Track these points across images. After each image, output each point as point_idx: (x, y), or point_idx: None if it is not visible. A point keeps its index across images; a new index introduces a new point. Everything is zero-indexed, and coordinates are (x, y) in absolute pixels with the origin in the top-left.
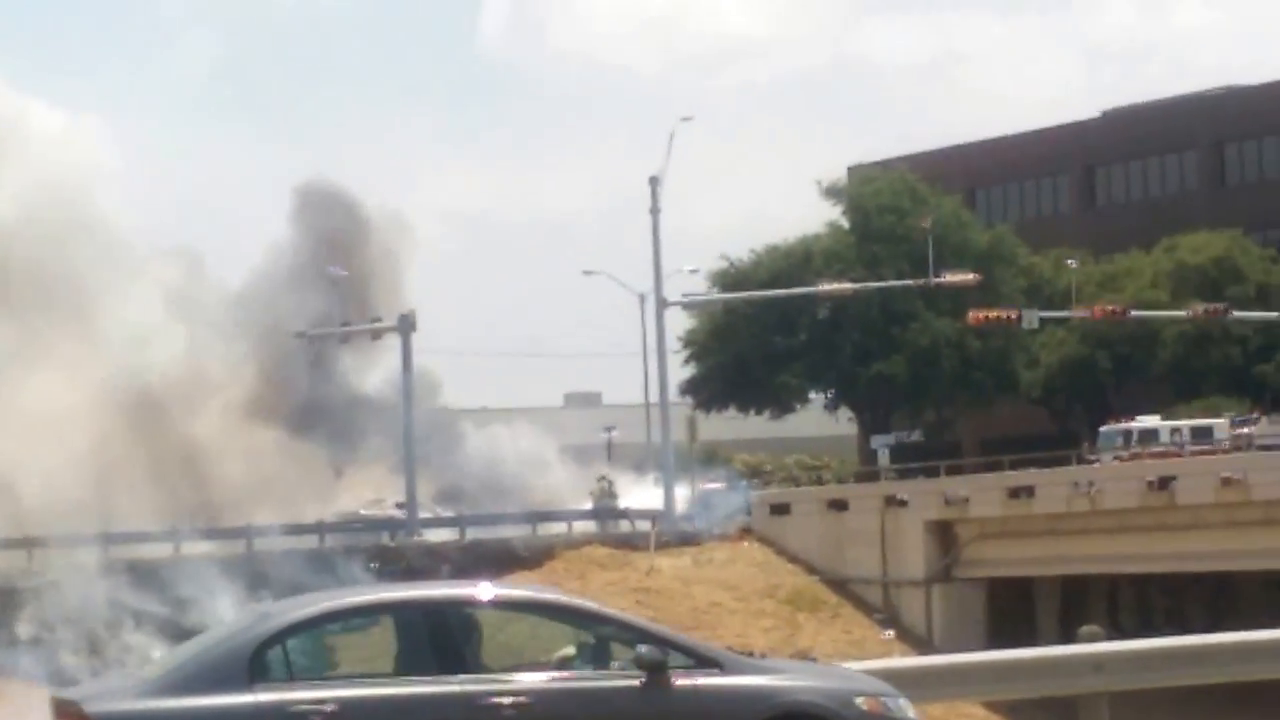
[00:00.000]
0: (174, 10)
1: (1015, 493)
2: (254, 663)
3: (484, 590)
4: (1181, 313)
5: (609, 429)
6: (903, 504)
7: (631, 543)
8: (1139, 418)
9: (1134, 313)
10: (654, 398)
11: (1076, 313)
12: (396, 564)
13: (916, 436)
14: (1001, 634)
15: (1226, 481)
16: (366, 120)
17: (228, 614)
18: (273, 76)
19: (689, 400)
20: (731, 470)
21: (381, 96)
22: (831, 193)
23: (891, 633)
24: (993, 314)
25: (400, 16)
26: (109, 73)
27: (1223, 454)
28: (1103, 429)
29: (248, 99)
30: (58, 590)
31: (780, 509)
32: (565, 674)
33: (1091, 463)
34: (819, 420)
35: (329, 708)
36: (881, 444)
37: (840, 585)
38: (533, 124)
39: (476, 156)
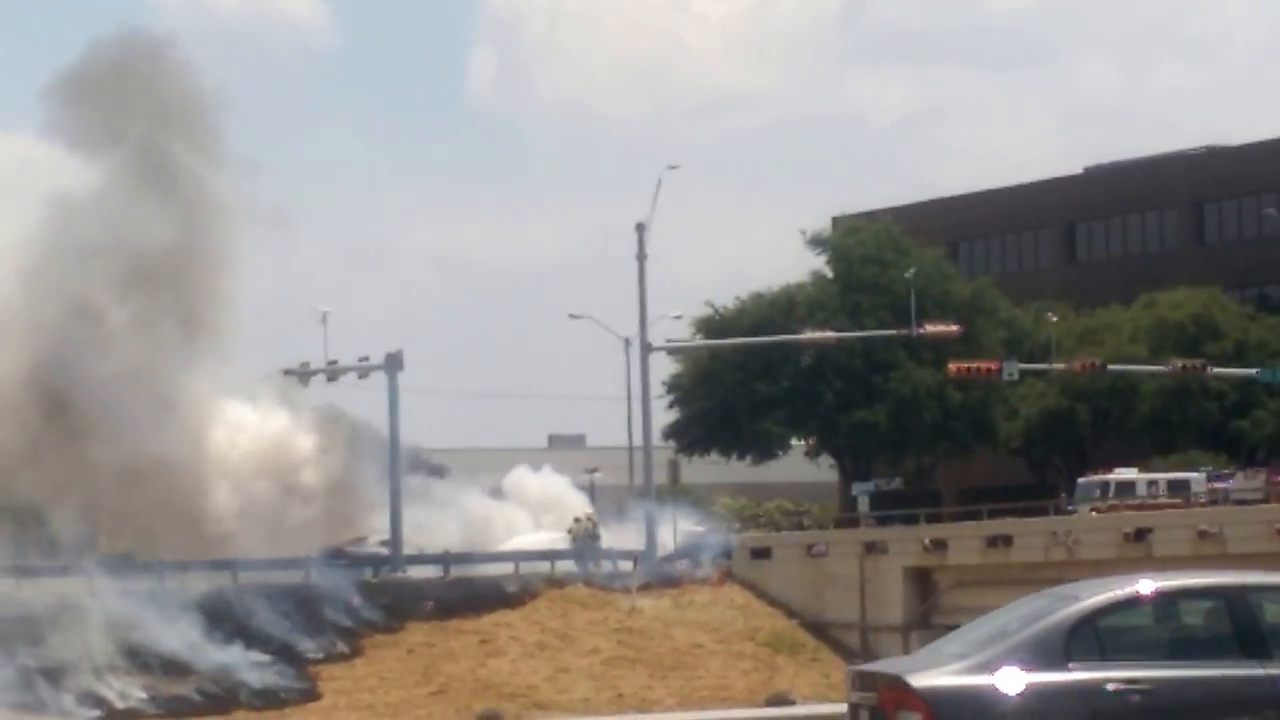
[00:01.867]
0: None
1: (993, 541)
2: (1069, 641)
3: None
4: (1160, 368)
5: (592, 470)
6: (883, 550)
7: (613, 583)
8: (1117, 470)
9: (1113, 367)
10: (637, 441)
11: (1056, 366)
12: (380, 600)
13: (896, 484)
14: None
15: (1203, 534)
16: (355, 162)
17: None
18: (262, 114)
19: (672, 444)
20: (713, 514)
21: (369, 138)
22: (816, 242)
23: None
24: (973, 365)
25: (388, 60)
26: None
27: (1199, 507)
28: (1080, 480)
29: (234, 136)
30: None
31: (761, 553)
32: None
33: (1069, 513)
34: (800, 466)
35: (1144, 687)
36: (862, 491)
37: (819, 629)
38: (520, 169)
39: (464, 201)
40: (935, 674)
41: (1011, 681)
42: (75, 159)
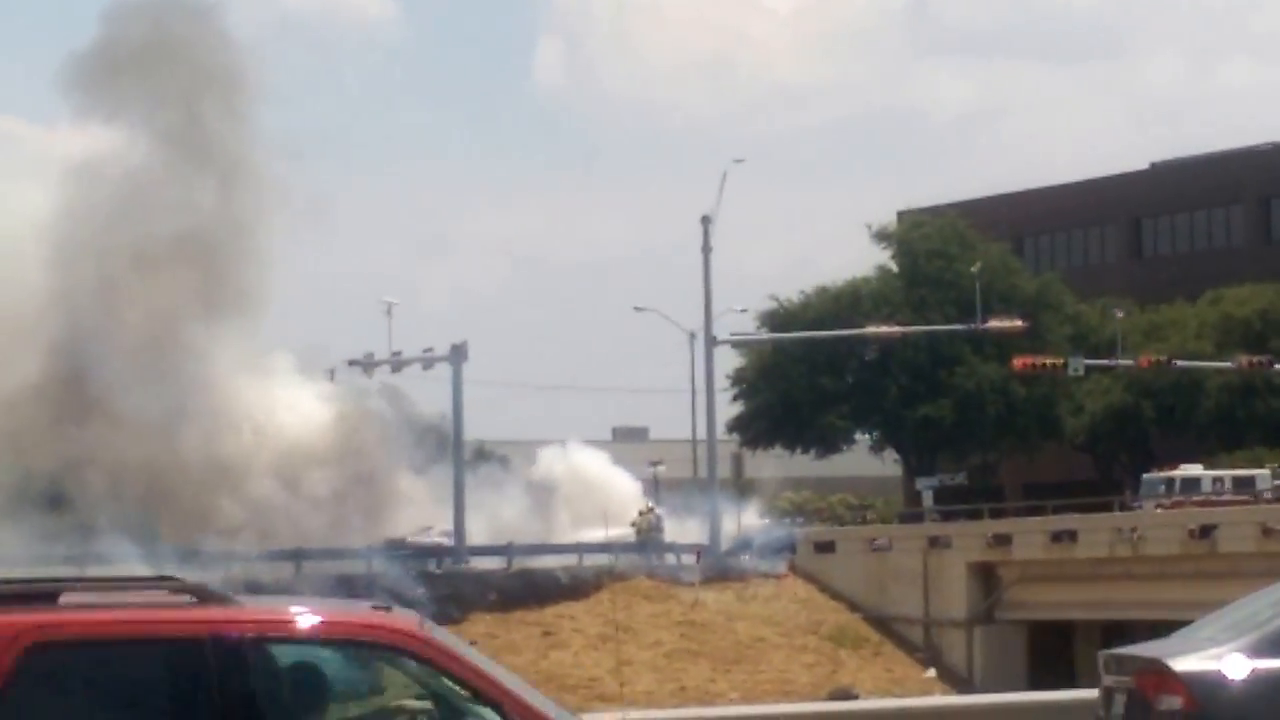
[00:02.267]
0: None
1: (1058, 537)
2: None
3: None
4: (1226, 364)
5: (655, 463)
6: (946, 545)
7: (676, 576)
8: (1182, 466)
9: (1178, 363)
10: (701, 434)
11: (1122, 362)
12: (443, 591)
13: (960, 479)
14: (1041, 676)
15: (1268, 531)
16: (422, 154)
17: None
18: (330, 106)
19: (736, 437)
20: (776, 507)
21: (436, 130)
22: (881, 237)
23: (932, 671)
24: (1038, 361)
25: (456, 52)
26: None
27: (1265, 504)
28: (1145, 476)
29: (301, 127)
30: None
31: (824, 547)
32: None
33: (1134, 510)
34: (864, 461)
35: None
36: (926, 486)
37: (882, 623)
38: (586, 161)
39: (530, 192)
40: (1196, 658)
41: (1271, 668)
42: (108, 130)
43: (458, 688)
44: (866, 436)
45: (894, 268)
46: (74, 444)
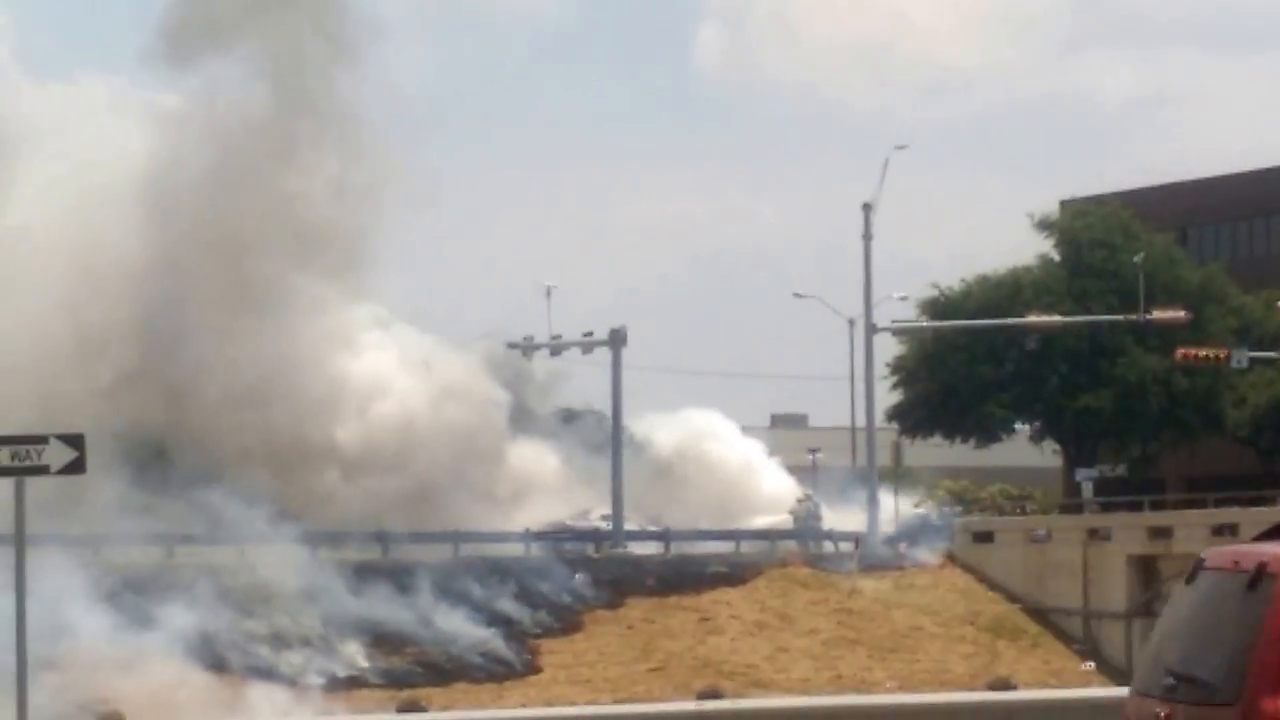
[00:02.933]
0: (394, 21)
1: (1220, 530)
2: None
3: None
4: None
5: (814, 451)
6: (1106, 537)
7: (834, 564)
8: None
9: None
10: (860, 422)
11: None
12: (601, 575)
13: (1120, 471)
14: None
15: None
16: (582, 138)
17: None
18: (489, 91)
19: (895, 425)
20: (935, 496)
21: (596, 114)
22: (1043, 225)
23: (1091, 664)
24: (1202, 352)
25: (615, 36)
26: None
27: None
28: None
29: (460, 112)
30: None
31: (983, 537)
32: None
33: None
34: (1023, 451)
35: None
36: (1085, 477)
37: (1040, 615)
38: (746, 147)
39: (690, 177)
40: None
41: None
42: (215, 83)
43: None
44: (1026, 426)
45: (1056, 257)
46: (177, 406)
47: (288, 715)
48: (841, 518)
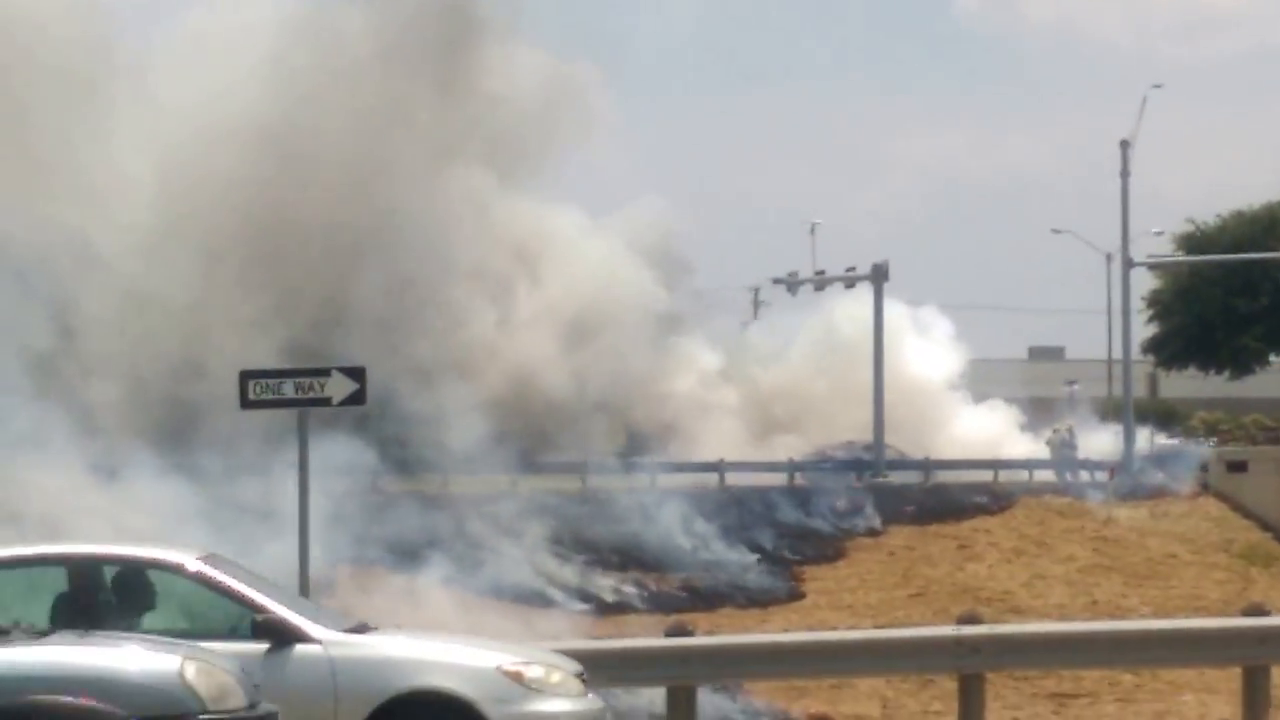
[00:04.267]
0: None
1: None
2: None
3: None
4: None
5: (1071, 383)
6: None
7: (1090, 493)
8: None
9: None
10: (1117, 354)
11: None
12: (863, 503)
13: None
14: None
15: None
16: (845, 76)
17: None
18: (754, 33)
19: (1151, 358)
20: (1189, 427)
21: (857, 52)
22: None
23: None
24: None
25: None
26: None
27: None
28: None
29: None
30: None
31: (1237, 467)
32: None
33: None
34: (1278, 383)
35: None
36: None
37: None
38: (1006, 87)
39: (949, 114)
40: None
41: None
42: None
43: None
44: None
45: None
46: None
47: (556, 640)
48: (1098, 448)
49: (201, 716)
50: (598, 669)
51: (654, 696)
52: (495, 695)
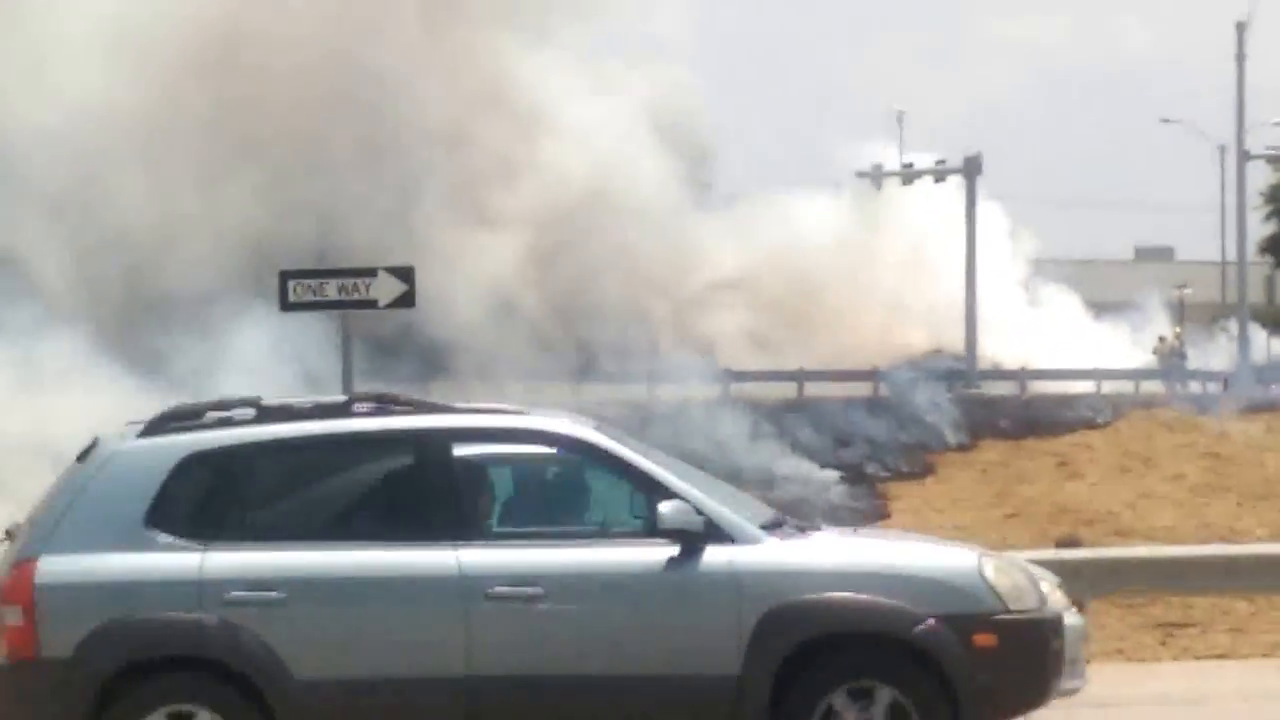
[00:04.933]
0: None
1: None
2: None
3: None
4: None
5: (1181, 286)
6: None
7: (1201, 406)
8: None
9: None
10: (1231, 255)
11: None
12: (955, 417)
13: None
14: None
15: None
16: None
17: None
18: None
19: (1268, 259)
20: None
21: None
22: None
23: None
24: None
25: None
26: None
27: None
28: None
29: None
30: None
31: None
32: None
33: None
34: None
35: None
36: None
37: None
38: None
39: None
40: None
41: None
42: None
43: None
44: None
45: None
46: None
47: None
48: (1210, 357)
49: (999, 616)
50: None
51: None
52: None
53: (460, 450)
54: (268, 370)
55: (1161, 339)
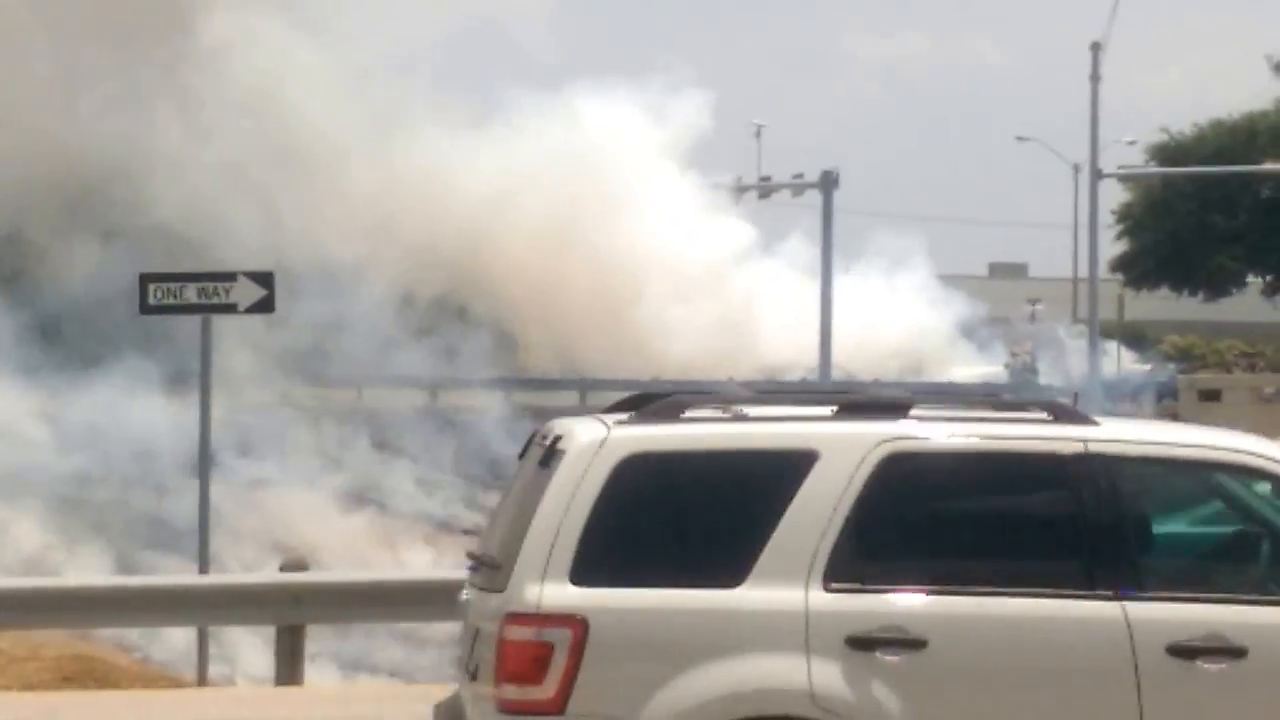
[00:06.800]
0: None
1: None
2: None
3: None
4: None
5: (1034, 302)
6: None
7: None
8: None
9: None
10: (1083, 272)
11: None
12: None
13: None
14: None
15: None
16: None
17: None
18: None
19: (1119, 277)
20: (1159, 352)
21: None
22: None
23: None
24: None
25: None
26: None
27: None
28: None
29: None
30: None
31: (1210, 395)
32: None
33: None
34: (1256, 306)
35: None
36: None
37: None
38: None
39: (908, 13)
40: None
41: None
42: None
43: None
44: (1259, 280)
45: None
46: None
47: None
48: (1060, 373)
49: None
50: None
51: None
52: None
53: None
54: None
55: (1014, 353)
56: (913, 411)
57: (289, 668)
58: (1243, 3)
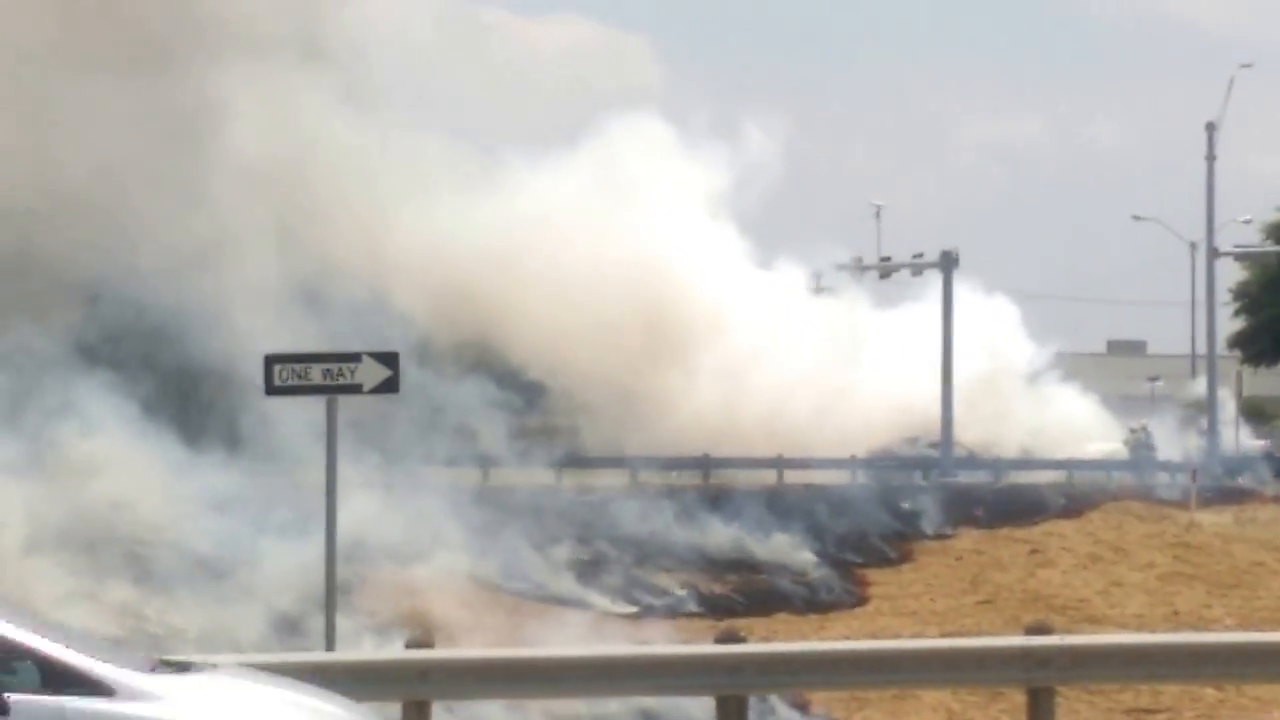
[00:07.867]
0: None
1: None
2: None
3: None
4: None
5: (1153, 379)
6: None
7: (1170, 496)
8: None
9: None
10: (1200, 349)
11: None
12: (930, 504)
13: None
14: None
15: None
16: (911, 53)
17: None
18: (822, 9)
19: (1237, 353)
20: (1276, 427)
21: (929, 30)
22: None
23: None
24: None
25: None
26: None
27: None
28: None
29: (780, 25)
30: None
31: None
32: None
33: None
34: None
35: None
36: None
37: None
38: (1086, 68)
39: (1024, 94)
40: None
41: None
42: None
43: None
44: None
45: None
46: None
47: (600, 642)
48: (1180, 449)
49: None
50: (643, 676)
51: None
52: None
53: None
54: None
55: (1132, 430)
56: None
57: None
58: None
